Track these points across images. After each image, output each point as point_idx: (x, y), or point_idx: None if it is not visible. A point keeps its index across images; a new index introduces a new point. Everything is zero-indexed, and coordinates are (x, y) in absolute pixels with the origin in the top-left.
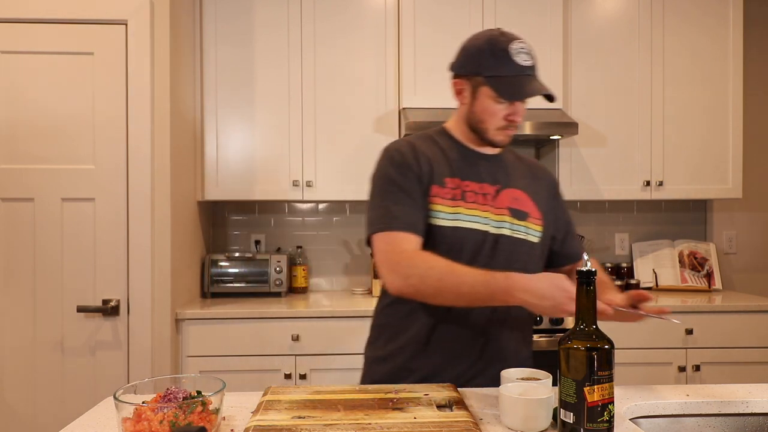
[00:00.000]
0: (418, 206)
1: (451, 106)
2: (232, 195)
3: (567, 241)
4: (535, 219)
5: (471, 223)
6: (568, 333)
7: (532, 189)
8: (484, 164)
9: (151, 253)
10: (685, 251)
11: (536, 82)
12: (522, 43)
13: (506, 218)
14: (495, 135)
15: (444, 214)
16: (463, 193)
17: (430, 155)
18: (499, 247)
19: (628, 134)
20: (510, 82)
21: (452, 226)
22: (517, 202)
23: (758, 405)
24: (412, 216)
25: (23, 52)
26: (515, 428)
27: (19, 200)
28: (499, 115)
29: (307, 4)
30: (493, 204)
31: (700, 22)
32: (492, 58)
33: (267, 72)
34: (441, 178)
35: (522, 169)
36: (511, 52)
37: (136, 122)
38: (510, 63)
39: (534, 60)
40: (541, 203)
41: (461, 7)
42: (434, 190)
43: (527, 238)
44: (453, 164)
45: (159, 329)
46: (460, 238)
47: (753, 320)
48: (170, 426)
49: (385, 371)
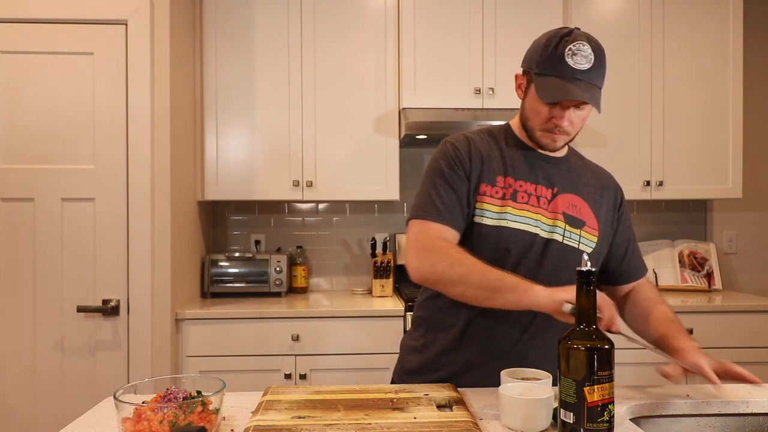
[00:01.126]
0: (461, 203)
1: (451, 106)
2: (232, 195)
3: (625, 260)
4: (591, 229)
5: (519, 223)
6: (568, 333)
7: (593, 198)
8: (543, 166)
9: (151, 253)
10: (685, 251)
11: (579, 88)
12: (584, 45)
13: (560, 223)
14: (541, 137)
15: (491, 213)
16: (515, 193)
17: (486, 153)
18: (548, 251)
19: (628, 134)
20: (553, 84)
21: (498, 225)
22: (574, 208)
23: (758, 405)
24: (452, 210)
25: (23, 52)
26: (515, 428)
27: (19, 200)
28: (543, 115)
29: (307, 4)
30: (547, 208)
31: (700, 22)
32: (545, 56)
33: (267, 72)
34: (493, 177)
35: (587, 176)
36: (566, 52)
37: (136, 122)
38: (560, 63)
39: (594, 65)
40: (601, 214)
41: (461, 7)
42: (483, 188)
43: (580, 247)
44: (509, 163)
45: (159, 329)
46: (506, 238)
47: (753, 320)
48: (170, 426)
49: (417, 362)
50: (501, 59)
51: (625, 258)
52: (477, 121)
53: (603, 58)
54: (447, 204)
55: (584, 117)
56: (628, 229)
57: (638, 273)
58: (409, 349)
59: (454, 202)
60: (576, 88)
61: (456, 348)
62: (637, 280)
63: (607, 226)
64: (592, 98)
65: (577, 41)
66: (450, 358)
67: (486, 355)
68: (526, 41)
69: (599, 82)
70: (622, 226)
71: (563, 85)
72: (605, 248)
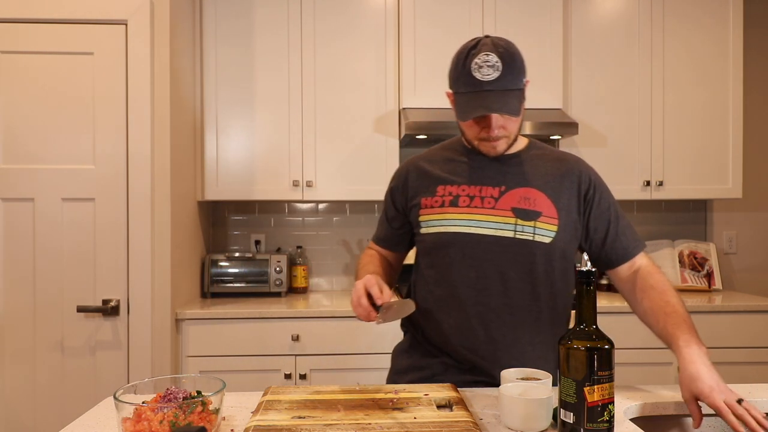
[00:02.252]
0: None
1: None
2: (232, 195)
3: (608, 241)
4: (549, 218)
5: (459, 227)
6: (568, 333)
7: (551, 187)
8: (490, 167)
9: (151, 253)
10: (685, 251)
11: (489, 99)
12: (489, 56)
13: (510, 220)
14: (479, 146)
15: (432, 222)
16: (456, 198)
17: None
18: (498, 249)
19: (628, 134)
20: (465, 100)
21: (437, 232)
22: (526, 202)
23: (758, 405)
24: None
25: (23, 52)
26: (515, 428)
27: (19, 200)
28: (474, 129)
29: (307, 3)
30: (494, 206)
31: (700, 22)
32: (456, 74)
33: (267, 72)
34: (433, 188)
35: (544, 166)
36: (472, 67)
37: (136, 122)
38: (469, 79)
39: (503, 71)
40: (561, 202)
41: (461, 7)
42: (424, 203)
43: (535, 239)
44: (453, 171)
45: (159, 329)
46: (446, 242)
47: (753, 320)
48: (170, 426)
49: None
50: None
51: (606, 240)
52: None
53: (513, 61)
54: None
55: (517, 118)
56: (607, 210)
57: (628, 253)
58: (398, 352)
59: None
60: (486, 101)
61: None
62: (630, 259)
63: (571, 212)
64: (502, 107)
65: (482, 52)
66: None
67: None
68: (526, 41)
69: (513, 84)
70: (597, 210)
71: (473, 100)
72: (576, 234)
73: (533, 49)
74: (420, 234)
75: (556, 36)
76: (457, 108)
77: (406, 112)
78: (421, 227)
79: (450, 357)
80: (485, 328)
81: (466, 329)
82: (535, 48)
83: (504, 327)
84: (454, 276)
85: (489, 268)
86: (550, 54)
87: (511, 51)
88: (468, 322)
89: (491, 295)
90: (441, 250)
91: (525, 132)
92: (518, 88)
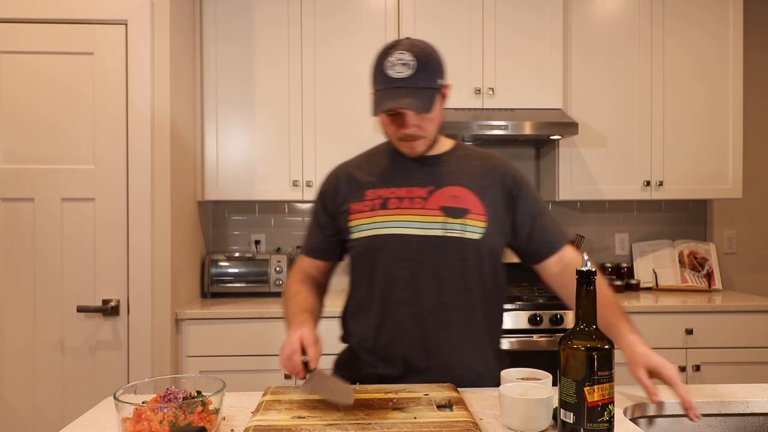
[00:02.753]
0: (321, 232)
1: (451, 106)
2: (232, 195)
3: (534, 236)
4: (477, 215)
5: (391, 228)
6: (568, 333)
7: (478, 184)
8: (417, 168)
9: (151, 253)
10: (685, 251)
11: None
12: (402, 54)
13: (439, 218)
14: (399, 146)
15: (363, 226)
16: (386, 201)
17: (355, 175)
18: (428, 248)
19: (628, 134)
20: (378, 98)
21: (369, 235)
22: (454, 200)
23: (758, 405)
24: (312, 240)
25: (23, 52)
26: (515, 428)
27: (19, 200)
28: (390, 128)
29: (307, 3)
30: (423, 206)
31: (700, 22)
32: (374, 73)
33: (267, 72)
34: (362, 193)
35: (470, 165)
36: (386, 65)
37: (136, 122)
38: (383, 76)
39: (416, 70)
40: (488, 198)
41: (461, 7)
42: (353, 208)
43: (464, 236)
44: (381, 174)
45: (159, 329)
46: (378, 245)
47: (753, 320)
48: (170, 426)
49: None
50: (501, 59)
51: (533, 235)
52: (477, 121)
53: (428, 60)
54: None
55: (432, 117)
56: (531, 206)
57: (553, 247)
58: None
59: (317, 232)
60: (395, 97)
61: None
62: (554, 253)
63: (498, 209)
64: (411, 103)
65: (397, 52)
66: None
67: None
68: (526, 41)
69: (425, 83)
70: (522, 205)
71: (385, 96)
72: (504, 230)
73: (533, 49)
74: (351, 240)
75: (556, 36)
76: (372, 105)
77: None
78: (352, 232)
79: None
80: (420, 327)
81: (400, 331)
82: (536, 48)
83: (438, 326)
84: (388, 278)
85: (421, 268)
86: (550, 54)
87: (427, 51)
88: (402, 324)
89: (425, 294)
90: (373, 253)
91: (525, 132)
92: (431, 87)
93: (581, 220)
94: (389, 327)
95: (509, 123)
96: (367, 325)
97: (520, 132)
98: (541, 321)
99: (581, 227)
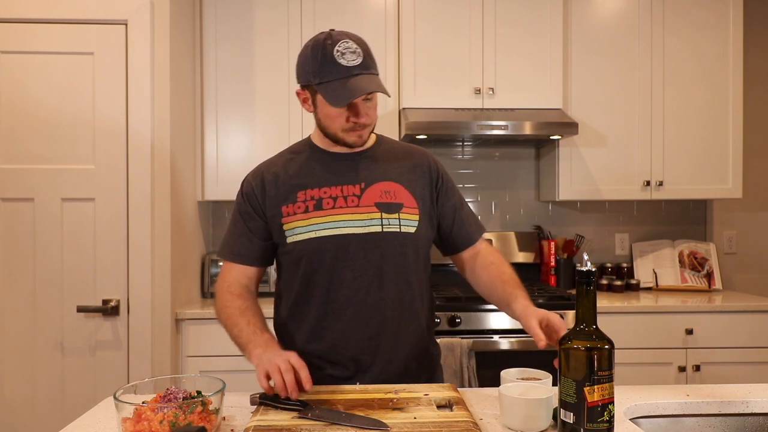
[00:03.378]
0: (253, 236)
1: (451, 106)
2: (232, 195)
3: (455, 228)
4: (410, 209)
5: (329, 230)
6: (568, 333)
7: (407, 178)
8: (346, 165)
9: (151, 253)
10: (685, 251)
11: (363, 80)
12: (348, 42)
13: (375, 215)
14: (345, 137)
15: (298, 228)
16: (319, 201)
17: (283, 175)
18: (369, 245)
19: (628, 134)
20: (337, 87)
21: (307, 238)
22: (387, 195)
23: (758, 405)
24: (243, 246)
25: (23, 52)
26: (515, 428)
27: (19, 200)
28: (341, 119)
29: (307, 3)
30: (358, 204)
31: (700, 22)
32: (317, 66)
33: (267, 71)
34: (293, 195)
35: (397, 159)
36: (335, 55)
37: (136, 122)
38: (335, 67)
39: (364, 56)
40: (417, 191)
41: (461, 7)
42: (286, 210)
43: (401, 230)
44: (310, 174)
45: (159, 329)
46: (319, 247)
47: (753, 320)
48: (170, 426)
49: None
50: (501, 59)
51: (453, 226)
52: (477, 121)
53: (367, 47)
54: (239, 240)
55: (376, 104)
56: (452, 198)
57: (471, 238)
58: None
59: (245, 237)
60: (360, 83)
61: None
62: (472, 244)
63: (427, 202)
64: (378, 86)
65: (340, 41)
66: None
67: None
68: (526, 41)
69: (375, 69)
70: (444, 197)
71: (347, 84)
72: (433, 222)
73: (533, 48)
74: (286, 245)
75: (556, 35)
76: (328, 96)
77: (405, 112)
78: (287, 237)
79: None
80: (365, 325)
81: (346, 330)
82: (536, 48)
83: (384, 321)
84: (330, 279)
85: (364, 266)
86: (550, 54)
87: (362, 39)
88: (347, 323)
89: (368, 292)
90: (313, 256)
91: (525, 132)
92: (377, 72)
93: (581, 220)
94: (333, 327)
95: (509, 123)
96: (307, 329)
97: (520, 132)
98: None
99: (581, 227)
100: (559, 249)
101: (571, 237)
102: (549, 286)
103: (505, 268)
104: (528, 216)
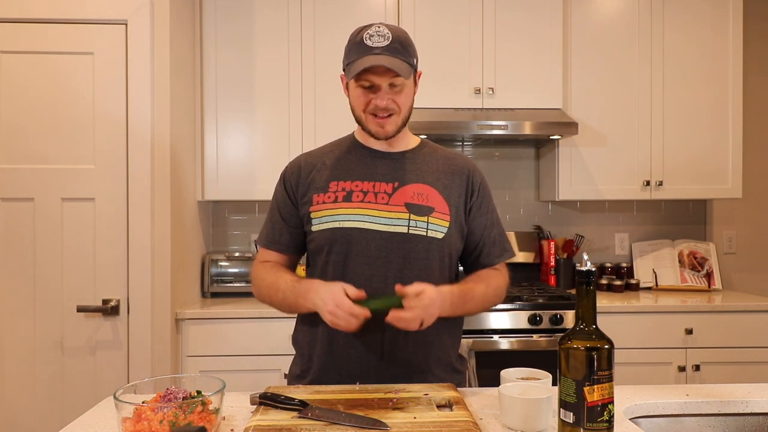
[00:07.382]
0: (286, 224)
1: (451, 106)
2: (232, 195)
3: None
4: (442, 214)
5: (354, 222)
6: (568, 333)
7: (443, 183)
8: (384, 163)
9: (151, 253)
10: (685, 251)
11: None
12: (380, 28)
13: (403, 215)
14: (369, 124)
15: (325, 218)
16: (350, 194)
17: (320, 165)
18: (392, 244)
19: (627, 134)
20: (356, 63)
21: (332, 227)
22: (419, 197)
23: (758, 405)
24: (276, 233)
25: (23, 52)
26: (515, 428)
27: (19, 200)
28: (362, 100)
29: (307, 3)
30: (387, 202)
31: (699, 23)
32: (349, 48)
33: (267, 71)
34: (325, 184)
35: (435, 163)
36: (364, 37)
37: (135, 122)
38: (360, 46)
39: (392, 41)
40: (452, 198)
41: (461, 7)
42: (316, 199)
43: (428, 234)
44: (346, 167)
45: (159, 329)
46: (339, 238)
47: (753, 320)
48: (170, 426)
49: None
50: (501, 59)
51: (477, 246)
52: (477, 121)
53: (404, 37)
54: (274, 228)
55: (406, 93)
56: (485, 215)
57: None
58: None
59: (279, 224)
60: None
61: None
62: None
63: (460, 211)
64: (391, 63)
65: (374, 26)
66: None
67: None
68: (526, 42)
69: (401, 54)
70: (477, 212)
71: (363, 60)
72: (463, 231)
73: (533, 48)
74: (311, 232)
75: (556, 36)
76: (347, 73)
77: None
78: (313, 224)
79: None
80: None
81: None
82: (535, 48)
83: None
84: (348, 274)
85: (384, 265)
86: (550, 54)
87: (402, 31)
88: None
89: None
90: (334, 247)
91: (525, 132)
92: (407, 60)
93: (581, 220)
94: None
95: (509, 123)
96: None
97: (520, 132)
98: (540, 321)
99: (581, 227)
100: (559, 249)
101: (571, 237)
102: (549, 286)
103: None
104: (528, 216)
